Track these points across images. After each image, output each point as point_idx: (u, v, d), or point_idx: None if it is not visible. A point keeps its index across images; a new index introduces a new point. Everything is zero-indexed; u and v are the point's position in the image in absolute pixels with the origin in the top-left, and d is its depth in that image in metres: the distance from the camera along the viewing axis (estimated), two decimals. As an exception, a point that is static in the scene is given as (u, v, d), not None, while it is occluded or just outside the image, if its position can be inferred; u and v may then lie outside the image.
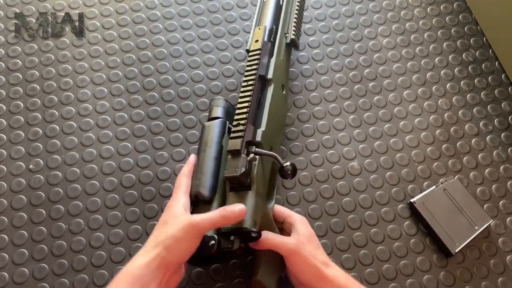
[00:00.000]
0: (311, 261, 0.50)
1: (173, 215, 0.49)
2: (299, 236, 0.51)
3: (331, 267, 0.51)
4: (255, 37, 0.61)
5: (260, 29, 0.62)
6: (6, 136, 0.66)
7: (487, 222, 0.61)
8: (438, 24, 0.78)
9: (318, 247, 0.52)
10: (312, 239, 0.52)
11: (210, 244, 0.49)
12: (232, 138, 0.53)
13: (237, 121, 0.54)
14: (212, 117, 0.59)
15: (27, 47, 0.72)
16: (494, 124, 0.70)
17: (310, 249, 0.51)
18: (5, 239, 0.59)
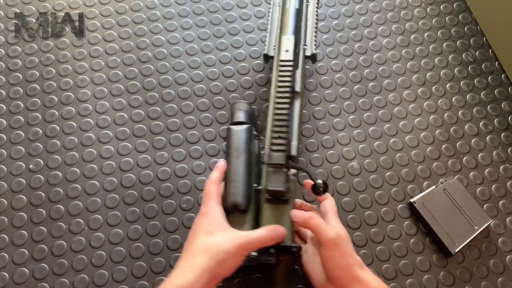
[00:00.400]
0: (348, 258, 0.49)
1: (218, 226, 0.48)
2: (339, 231, 0.50)
3: (366, 270, 0.50)
4: (284, 46, 0.60)
5: (289, 39, 0.61)
6: (6, 136, 0.66)
7: (486, 222, 0.61)
8: (438, 24, 0.78)
9: (352, 249, 0.51)
10: (349, 240, 0.51)
11: (252, 255, 0.48)
12: (274, 151, 0.53)
13: (277, 134, 0.53)
14: (236, 121, 0.58)
15: (27, 47, 0.72)
16: (494, 124, 0.70)
17: (348, 246, 0.50)
18: (5, 239, 0.59)
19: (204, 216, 0.49)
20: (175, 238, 0.60)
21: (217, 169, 0.54)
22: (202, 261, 0.45)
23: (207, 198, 0.51)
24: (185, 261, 0.46)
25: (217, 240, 0.46)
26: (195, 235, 0.48)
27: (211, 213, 0.49)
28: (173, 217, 0.61)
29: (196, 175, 0.64)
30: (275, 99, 0.56)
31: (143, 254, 0.59)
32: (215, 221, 0.49)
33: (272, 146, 0.53)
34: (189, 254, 0.46)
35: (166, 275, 0.57)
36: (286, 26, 0.63)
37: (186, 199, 0.63)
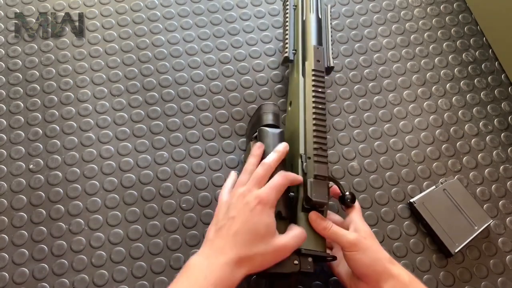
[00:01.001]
0: (373, 254, 0.49)
1: (268, 229, 0.47)
2: (360, 231, 0.51)
3: (395, 264, 0.50)
4: (316, 56, 0.62)
5: (318, 49, 0.63)
6: (6, 136, 0.66)
7: (486, 222, 0.61)
8: (438, 24, 0.78)
9: (378, 244, 0.51)
10: (374, 236, 0.52)
11: (295, 263, 0.49)
12: (318, 163, 0.54)
13: (318, 145, 0.55)
14: (267, 124, 0.58)
15: (27, 47, 0.72)
16: (494, 124, 0.70)
17: (372, 243, 0.50)
18: (5, 239, 0.59)
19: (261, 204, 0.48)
20: (175, 238, 0.60)
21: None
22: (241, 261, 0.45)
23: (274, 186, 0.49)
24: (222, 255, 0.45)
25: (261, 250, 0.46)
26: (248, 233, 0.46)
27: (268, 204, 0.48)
28: (173, 217, 0.61)
29: (196, 174, 0.64)
30: (313, 110, 0.57)
31: (143, 254, 0.59)
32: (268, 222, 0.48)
33: (315, 157, 0.54)
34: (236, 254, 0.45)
35: (166, 275, 0.58)
36: (310, 35, 0.64)
37: (186, 199, 0.63)
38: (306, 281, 0.58)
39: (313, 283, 0.58)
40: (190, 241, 0.60)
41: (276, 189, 0.49)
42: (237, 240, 0.46)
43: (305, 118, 0.57)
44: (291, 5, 0.68)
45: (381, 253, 0.50)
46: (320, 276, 0.59)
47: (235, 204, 0.49)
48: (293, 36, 0.66)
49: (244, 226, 0.46)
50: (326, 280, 0.58)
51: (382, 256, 0.49)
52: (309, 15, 0.66)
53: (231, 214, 0.48)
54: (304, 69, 0.62)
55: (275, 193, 0.49)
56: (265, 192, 0.48)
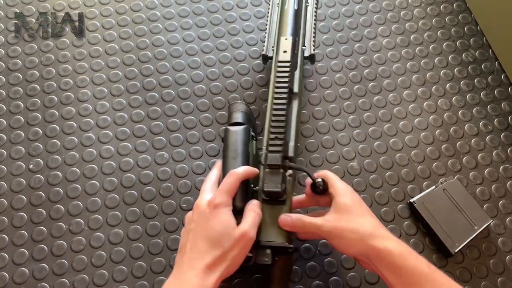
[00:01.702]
0: (352, 235, 0.47)
1: (225, 226, 0.47)
2: (336, 212, 0.49)
3: (381, 238, 0.47)
4: (282, 47, 0.61)
5: (287, 39, 0.61)
6: (6, 136, 0.66)
7: (486, 222, 0.61)
8: (437, 24, 0.78)
9: (362, 215, 0.49)
10: (352, 210, 0.49)
11: (248, 255, 0.49)
12: (271, 152, 0.53)
13: (274, 135, 0.54)
14: (234, 122, 0.59)
15: (27, 47, 0.72)
16: (494, 124, 0.70)
17: (348, 223, 0.48)
18: (5, 239, 0.59)
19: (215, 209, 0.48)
20: (175, 238, 0.60)
21: (248, 168, 0.53)
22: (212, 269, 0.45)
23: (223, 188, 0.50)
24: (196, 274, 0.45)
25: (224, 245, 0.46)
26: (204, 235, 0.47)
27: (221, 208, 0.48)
28: (173, 217, 0.61)
29: (196, 175, 0.64)
30: (273, 100, 0.56)
31: (143, 254, 0.59)
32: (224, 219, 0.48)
33: (269, 147, 0.53)
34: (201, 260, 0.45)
35: (166, 275, 0.57)
36: (284, 27, 0.63)
37: (186, 199, 0.63)
38: (307, 280, 0.58)
39: (313, 283, 0.58)
40: (190, 241, 0.60)
41: (226, 189, 0.49)
42: (200, 249, 0.46)
43: (269, 111, 0.57)
44: (275, 3, 0.67)
45: (357, 231, 0.47)
46: (320, 276, 0.59)
47: (191, 218, 0.50)
48: (274, 33, 0.65)
49: (203, 232, 0.47)
50: (326, 280, 0.58)
51: (361, 233, 0.47)
52: (285, 8, 0.65)
53: (189, 228, 0.49)
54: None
55: (225, 193, 0.49)
56: (215, 196, 0.49)
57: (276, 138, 0.54)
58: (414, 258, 0.46)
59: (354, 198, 0.51)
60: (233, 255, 0.46)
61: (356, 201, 0.51)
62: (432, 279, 0.45)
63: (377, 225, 0.49)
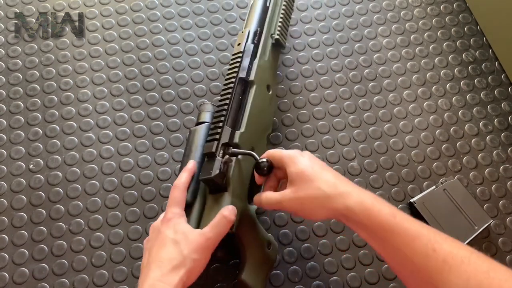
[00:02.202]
0: (313, 203, 0.45)
1: (182, 232, 0.47)
2: (291, 184, 0.47)
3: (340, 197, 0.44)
4: (237, 41, 0.62)
5: (243, 32, 0.63)
6: (6, 136, 0.66)
7: (487, 222, 0.61)
8: (438, 24, 0.78)
9: (317, 177, 0.46)
10: (306, 175, 0.47)
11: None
12: (208, 141, 0.54)
13: (214, 124, 0.55)
14: (199, 121, 0.60)
15: (27, 47, 0.72)
16: (494, 124, 0.70)
17: (306, 191, 0.46)
18: (5, 239, 0.59)
19: (168, 224, 0.49)
20: (175, 238, 0.60)
21: (186, 171, 0.54)
22: (171, 273, 0.44)
23: (172, 203, 0.51)
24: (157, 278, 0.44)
25: (181, 248, 0.46)
26: (161, 245, 0.47)
27: (176, 222, 0.49)
28: (173, 217, 0.61)
29: (196, 175, 0.64)
30: (222, 91, 0.58)
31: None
32: (179, 229, 0.48)
33: (208, 137, 0.55)
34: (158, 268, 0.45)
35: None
36: (250, 19, 0.65)
37: (186, 199, 0.63)
38: (307, 280, 0.58)
39: (313, 283, 0.58)
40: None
41: (174, 203, 0.50)
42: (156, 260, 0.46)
43: None
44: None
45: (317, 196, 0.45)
46: (320, 276, 0.59)
47: (148, 237, 0.51)
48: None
49: (159, 244, 0.47)
50: (326, 280, 0.58)
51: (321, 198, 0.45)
52: (253, 2, 0.66)
53: (147, 246, 0.49)
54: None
55: (175, 206, 0.50)
56: (165, 212, 0.50)
57: (215, 127, 0.55)
58: (377, 211, 0.43)
59: (304, 162, 0.48)
60: (193, 258, 0.46)
61: (307, 165, 0.48)
62: (400, 229, 0.42)
63: (335, 183, 0.46)
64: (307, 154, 0.50)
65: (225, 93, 0.58)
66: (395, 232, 0.42)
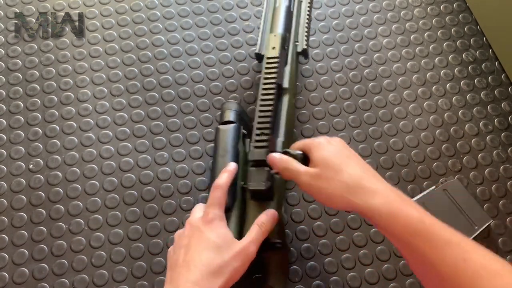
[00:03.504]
0: (332, 190, 0.43)
1: (224, 237, 0.46)
2: (316, 166, 0.45)
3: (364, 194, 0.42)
4: (271, 44, 0.60)
5: (275, 36, 0.61)
6: (6, 136, 0.66)
7: (487, 222, 0.61)
8: (438, 24, 0.78)
9: (342, 166, 0.44)
10: (327, 164, 0.45)
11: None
12: (257, 148, 0.53)
13: (260, 130, 0.54)
14: (225, 120, 0.59)
15: (27, 47, 0.72)
16: (494, 124, 0.70)
17: (326, 181, 0.44)
18: (5, 239, 0.59)
19: (211, 226, 0.47)
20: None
21: (228, 172, 0.51)
22: (214, 284, 0.43)
23: (214, 203, 0.48)
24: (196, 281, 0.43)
25: (223, 256, 0.44)
26: (203, 247, 0.45)
27: (220, 225, 0.47)
28: (173, 217, 0.61)
29: (196, 175, 0.64)
30: (261, 96, 0.56)
31: (143, 254, 0.59)
32: (222, 234, 0.46)
33: (255, 143, 0.53)
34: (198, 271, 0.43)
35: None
36: (276, 24, 0.64)
37: (186, 199, 0.63)
38: (307, 280, 0.58)
39: (313, 282, 0.58)
40: (190, 241, 0.60)
41: (215, 203, 0.48)
42: (196, 262, 0.44)
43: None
44: (270, 2, 0.67)
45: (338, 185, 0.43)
46: (320, 276, 0.59)
47: (184, 234, 0.48)
48: (268, 32, 0.65)
49: (199, 245, 0.45)
50: (326, 280, 0.58)
51: (342, 187, 0.43)
52: (276, 5, 0.66)
53: (181, 243, 0.47)
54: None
55: (215, 207, 0.48)
56: (206, 211, 0.48)
57: (262, 134, 0.53)
58: (405, 216, 0.40)
59: (330, 149, 0.46)
60: (235, 267, 0.45)
61: (332, 152, 0.46)
62: (429, 236, 0.39)
63: (361, 176, 0.44)
64: (336, 141, 0.48)
65: (267, 98, 0.56)
66: (423, 239, 0.39)
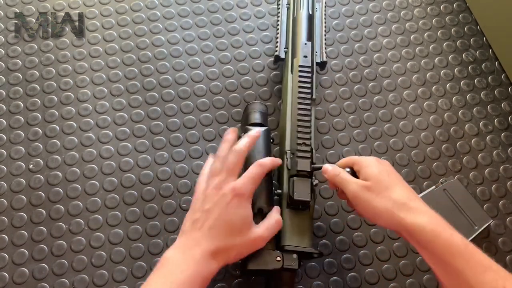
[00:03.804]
0: (380, 206, 0.45)
1: (244, 222, 0.47)
2: (366, 181, 0.48)
3: (411, 211, 0.44)
4: (303, 52, 0.62)
5: (306, 44, 0.63)
6: (6, 136, 0.66)
7: (487, 222, 0.61)
8: (438, 24, 0.78)
9: (392, 185, 0.46)
10: (381, 179, 0.47)
11: (277, 259, 0.49)
12: (300, 158, 0.54)
13: (301, 140, 0.55)
14: (253, 122, 0.59)
15: (27, 47, 0.72)
16: (494, 124, 0.70)
17: (375, 197, 0.46)
18: (5, 239, 0.59)
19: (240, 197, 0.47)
20: (175, 238, 0.59)
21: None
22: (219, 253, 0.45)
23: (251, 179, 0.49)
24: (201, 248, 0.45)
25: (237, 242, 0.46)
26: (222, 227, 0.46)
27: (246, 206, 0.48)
28: (173, 217, 0.61)
29: (196, 175, 0.64)
30: (298, 105, 0.57)
31: (143, 254, 0.59)
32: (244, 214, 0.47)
33: (298, 153, 0.54)
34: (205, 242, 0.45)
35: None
36: (300, 31, 0.64)
37: (186, 199, 0.63)
38: (307, 280, 0.58)
39: (313, 283, 0.58)
40: (190, 241, 0.59)
41: (252, 180, 0.49)
42: (213, 234, 0.46)
43: (291, 114, 0.58)
44: (284, 4, 0.68)
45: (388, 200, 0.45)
46: (320, 276, 0.59)
47: (211, 197, 0.48)
48: (285, 35, 0.66)
49: (220, 219, 0.46)
50: (326, 280, 0.58)
51: (390, 204, 0.45)
52: (299, 12, 0.66)
53: (207, 207, 0.47)
54: (292, 66, 0.62)
55: (251, 184, 0.48)
56: (241, 183, 0.48)
57: (303, 144, 0.54)
58: (449, 235, 0.42)
59: (380, 168, 0.49)
60: (240, 251, 0.47)
61: (384, 171, 0.48)
62: (470, 258, 0.41)
63: (409, 196, 0.46)
64: (385, 163, 0.51)
65: (305, 108, 0.57)
66: (464, 261, 0.41)
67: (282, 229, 0.52)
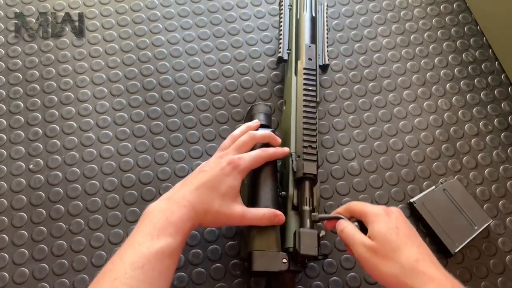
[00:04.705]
0: (386, 269, 0.43)
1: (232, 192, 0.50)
2: (373, 238, 0.45)
3: (420, 277, 0.41)
4: (307, 55, 0.62)
5: (311, 47, 0.63)
6: (6, 136, 0.66)
7: (486, 222, 0.61)
8: (438, 24, 0.78)
9: (400, 245, 0.43)
10: (385, 240, 0.44)
11: (283, 261, 0.49)
12: (306, 161, 0.54)
13: (307, 143, 0.55)
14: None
15: (27, 47, 0.72)
16: (494, 124, 0.70)
17: (382, 260, 0.43)
18: (5, 239, 0.59)
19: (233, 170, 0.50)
20: (175, 238, 0.60)
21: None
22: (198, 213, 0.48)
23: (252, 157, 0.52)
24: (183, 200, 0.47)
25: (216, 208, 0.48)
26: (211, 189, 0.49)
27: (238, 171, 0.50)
28: (173, 217, 0.61)
29: (196, 175, 0.64)
30: (303, 108, 0.58)
31: (143, 254, 0.59)
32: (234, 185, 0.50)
33: (304, 156, 0.54)
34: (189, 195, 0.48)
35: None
36: (303, 33, 0.64)
37: (186, 199, 0.63)
38: (307, 281, 0.58)
39: (313, 283, 0.58)
40: (190, 241, 0.60)
41: (252, 158, 0.51)
42: (199, 190, 0.48)
43: (296, 117, 0.58)
44: (286, 5, 0.68)
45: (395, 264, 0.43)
46: (320, 276, 0.59)
47: (210, 162, 0.52)
48: (288, 36, 0.66)
49: (210, 180, 0.49)
50: (326, 280, 0.58)
51: (397, 268, 0.42)
52: (302, 14, 0.66)
53: (203, 168, 0.51)
54: (296, 68, 0.62)
55: (249, 161, 0.51)
56: (239, 157, 0.51)
57: (309, 147, 0.55)
58: None
59: (389, 224, 0.46)
60: (216, 218, 0.49)
61: (392, 229, 0.45)
62: None
63: (418, 258, 0.43)
64: (394, 214, 0.48)
65: (310, 111, 0.58)
66: None
67: (287, 231, 0.52)
